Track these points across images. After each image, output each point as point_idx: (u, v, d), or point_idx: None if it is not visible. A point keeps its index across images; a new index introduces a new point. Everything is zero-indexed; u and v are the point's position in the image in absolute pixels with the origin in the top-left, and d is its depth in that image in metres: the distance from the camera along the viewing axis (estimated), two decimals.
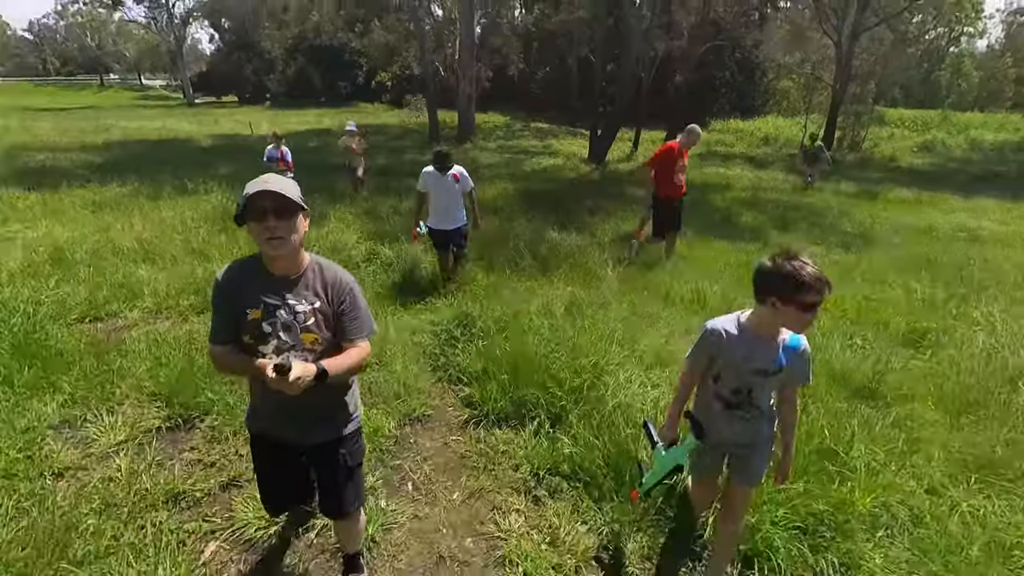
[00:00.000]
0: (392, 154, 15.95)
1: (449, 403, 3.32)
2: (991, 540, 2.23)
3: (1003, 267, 6.66)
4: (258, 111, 37.51)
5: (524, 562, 2.09)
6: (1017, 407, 3.20)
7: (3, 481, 2.37)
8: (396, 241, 5.96)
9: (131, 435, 2.78)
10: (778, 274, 1.61)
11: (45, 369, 3.27)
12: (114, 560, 2.00)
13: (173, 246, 5.87)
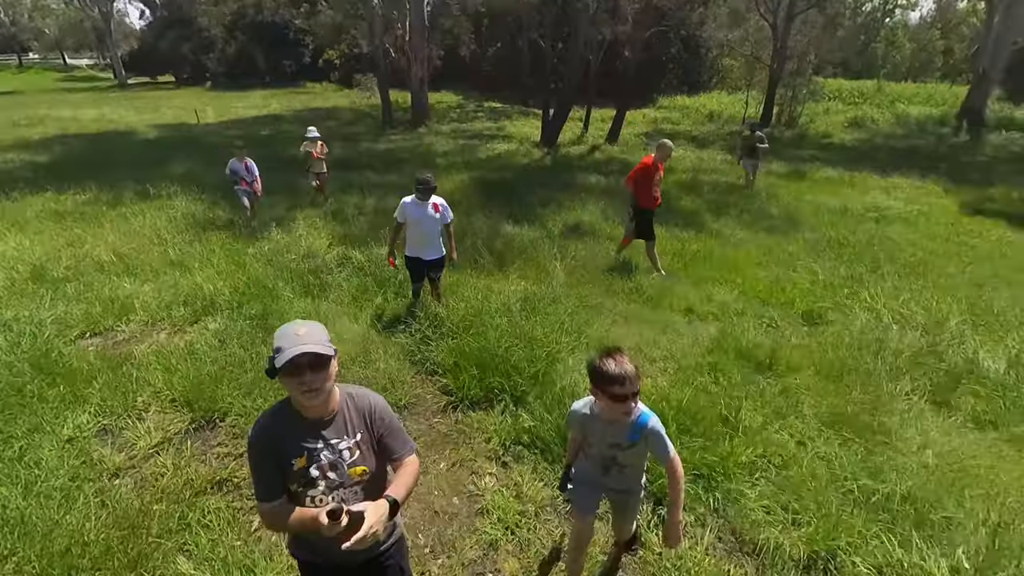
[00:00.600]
0: (347, 143, 16.00)
1: (429, 392, 3.98)
2: (834, 475, 3.10)
3: (900, 245, 7.77)
4: (198, 93, 35.90)
5: (497, 511, 2.82)
6: (875, 373, 4.14)
7: (72, 483, 2.90)
8: (365, 245, 6.46)
9: (166, 437, 3.33)
10: (593, 369, 1.89)
11: (68, 384, 3.73)
12: (187, 533, 2.60)
13: (151, 258, 6.20)
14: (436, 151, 14.61)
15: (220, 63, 40.62)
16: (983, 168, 13.92)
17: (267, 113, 25.12)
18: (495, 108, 25.74)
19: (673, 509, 2.04)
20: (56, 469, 3.00)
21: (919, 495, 2.93)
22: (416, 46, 20.20)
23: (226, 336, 4.43)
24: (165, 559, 2.50)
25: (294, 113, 25.03)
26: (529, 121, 21.37)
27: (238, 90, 36.69)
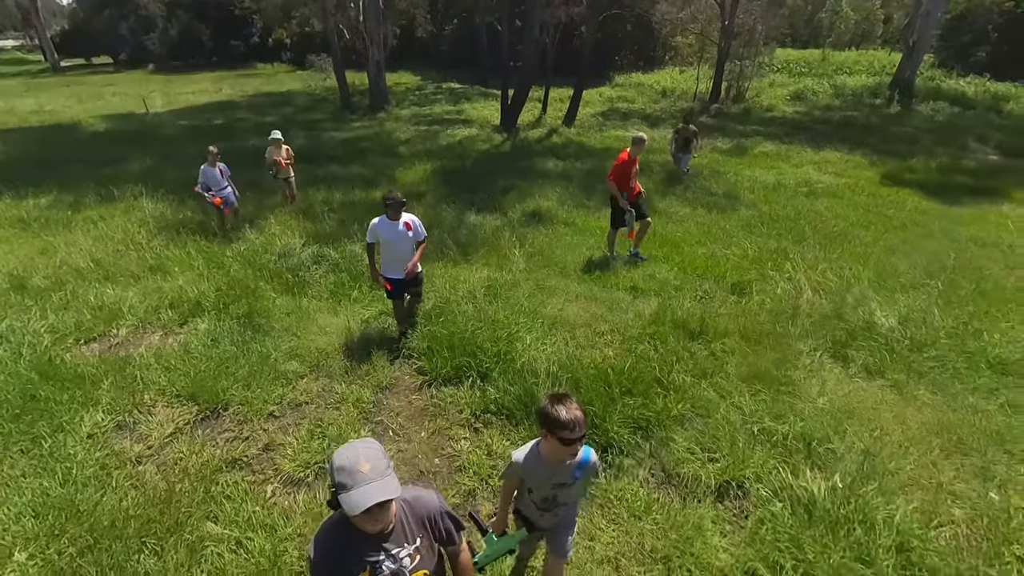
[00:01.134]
0: (307, 131, 15.98)
1: (406, 373, 4.52)
2: (745, 421, 3.82)
3: (825, 218, 8.64)
4: (142, 78, 34.30)
5: (472, 467, 3.43)
6: (787, 335, 4.90)
7: (101, 471, 3.35)
8: (338, 242, 6.86)
9: (177, 427, 3.79)
10: (544, 413, 1.96)
11: (78, 387, 4.11)
12: (211, 504, 3.11)
13: (129, 263, 6.46)
14: (398, 139, 14.81)
15: (162, 44, 38.73)
16: (908, 139, 15.07)
17: (219, 100, 24.44)
18: (454, 89, 25.71)
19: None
20: (84, 461, 3.43)
21: (811, 433, 3.69)
22: (372, 28, 19.99)
23: (217, 335, 4.85)
24: (197, 525, 3.01)
25: (248, 99, 24.45)
26: (489, 103, 21.56)
27: (184, 73, 35.23)
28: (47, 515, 3.04)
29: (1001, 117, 19.03)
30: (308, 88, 26.99)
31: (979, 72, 25.78)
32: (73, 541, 2.88)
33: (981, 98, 21.14)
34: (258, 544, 2.85)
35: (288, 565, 2.75)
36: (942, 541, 2.98)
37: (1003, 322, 5.29)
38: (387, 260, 4.56)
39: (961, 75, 26.10)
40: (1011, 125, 17.44)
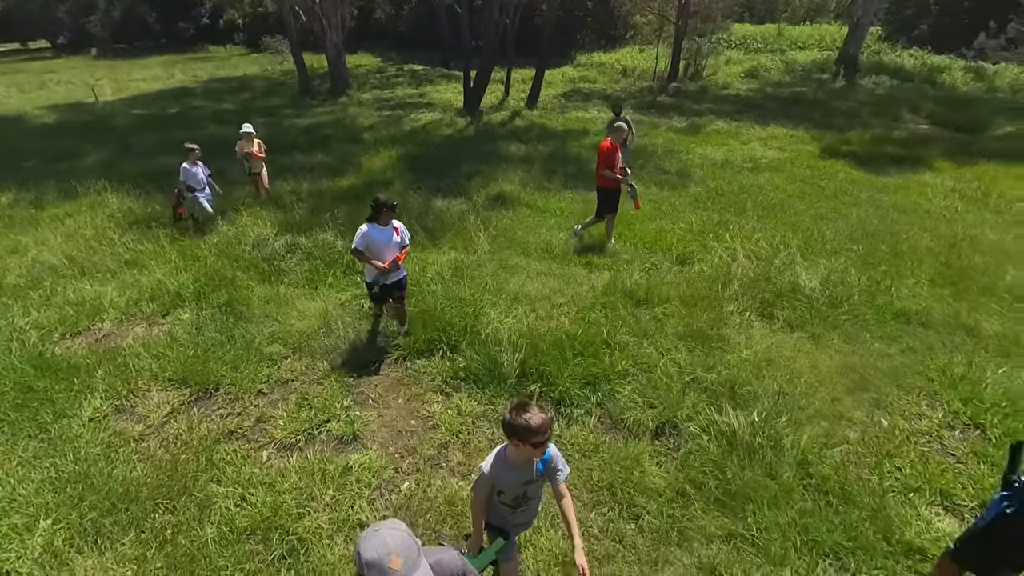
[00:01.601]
0: (267, 118, 15.83)
1: (384, 349, 4.95)
2: (680, 372, 4.41)
3: (766, 191, 9.33)
4: (85, 63, 32.75)
5: (445, 424, 3.92)
6: (720, 297, 5.51)
7: (108, 448, 3.70)
8: (310, 230, 7.15)
9: (173, 408, 4.15)
10: (513, 425, 2.08)
11: (73, 377, 4.41)
12: (214, 469, 3.52)
13: (104, 258, 6.62)
14: (361, 125, 14.88)
15: (104, 27, 36.88)
16: (848, 113, 15.97)
17: (172, 86, 23.70)
18: (416, 71, 25.56)
19: (573, 532, 2.24)
20: (91, 441, 3.78)
21: (735, 379, 4.30)
22: (329, 9, 19.67)
23: (201, 324, 5.17)
24: (203, 486, 3.42)
25: (202, 85, 23.78)
26: (451, 86, 21.59)
27: (130, 58, 33.80)
28: (64, 489, 3.40)
29: (935, 88, 20.20)
30: (265, 72, 26.38)
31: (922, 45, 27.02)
32: (93, 507, 3.25)
33: (918, 71, 22.28)
34: (260, 497, 3.29)
35: (287, 512, 3.20)
36: (836, 458, 3.63)
37: (910, 279, 6.04)
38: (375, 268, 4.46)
39: (905, 48, 27.33)
40: (943, 96, 18.57)
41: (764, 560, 2.91)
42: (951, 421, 4.01)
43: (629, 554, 2.97)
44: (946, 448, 3.79)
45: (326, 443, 3.82)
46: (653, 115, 16.14)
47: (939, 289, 5.89)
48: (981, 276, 6.12)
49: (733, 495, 3.27)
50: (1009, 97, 18.81)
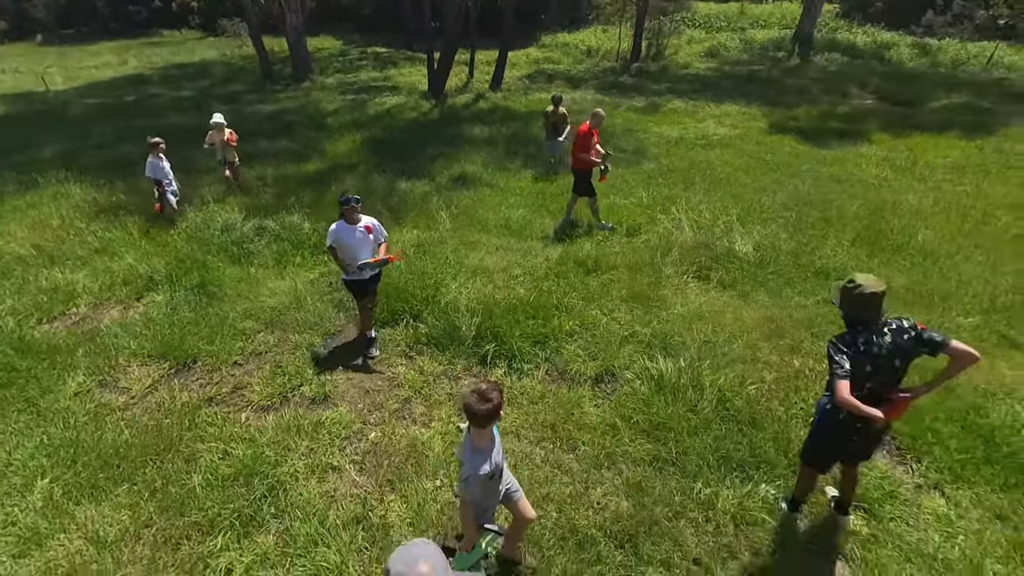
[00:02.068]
0: (229, 104, 15.67)
1: (349, 321, 5.31)
2: (620, 329, 4.91)
3: (715, 165, 9.88)
4: (31, 50, 31.38)
5: (408, 382, 4.34)
6: (661, 263, 6.02)
7: (95, 418, 4.01)
8: (276, 213, 7.39)
9: (154, 380, 4.46)
10: (479, 413, 2.26)
11: (55, 357, 4.66)
12: (197, 430, 3.87)
13: (73, 247, 6.76)
14: (325, 110, 14.89)
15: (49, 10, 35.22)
16: (799, 90, 16.66)
17: (127, 73, 23.03)
18: (379, 54, 25.32)
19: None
20: (78, 412, 4.08)
21: (667, 332, 4.82)
22: None
23: (175, 304, 5.44)
24: (188, 444, 3.78)
25: (159, 71, 23.17)
26: (416, 68, 21.55)
27: (79, 44, 32.44)
28: (57, 453, 3.71)
29: (883, 64, 21.09)
30: (224, 57, 25.76)
31: (876, 22, 27.90)
32: (86, 466, 3.59)
33: (868, 48, 23.16)
34: (241, 450, 3.67)
35: (266, 460, 3.59)
36: (751, 394, 4.18)
37: (833, 241, 6.66)
38: (350, 263, 4.45)
39: (860, 25, 28.20)
40: (890, 72, 19.45)
41: (681, 475, 3.44)
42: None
43: (566, 477, 3.47)
44: None
45: (300, 404, 4.21)
46: (614, 95, 16.55)
47: (858, 249, 6.53)
48: (897, 236, 6.79)
49: (658, 427, 3.79)
50: (950, 72, 19.79)
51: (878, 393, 2.59)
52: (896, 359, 2.56)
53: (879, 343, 2.56)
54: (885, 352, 2.55)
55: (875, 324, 2.60)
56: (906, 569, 2.86)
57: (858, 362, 2.54)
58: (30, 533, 3.14)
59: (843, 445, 2.85)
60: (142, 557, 2.99)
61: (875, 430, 2.74)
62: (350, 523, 3.15)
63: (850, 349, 2.56)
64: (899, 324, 2.61)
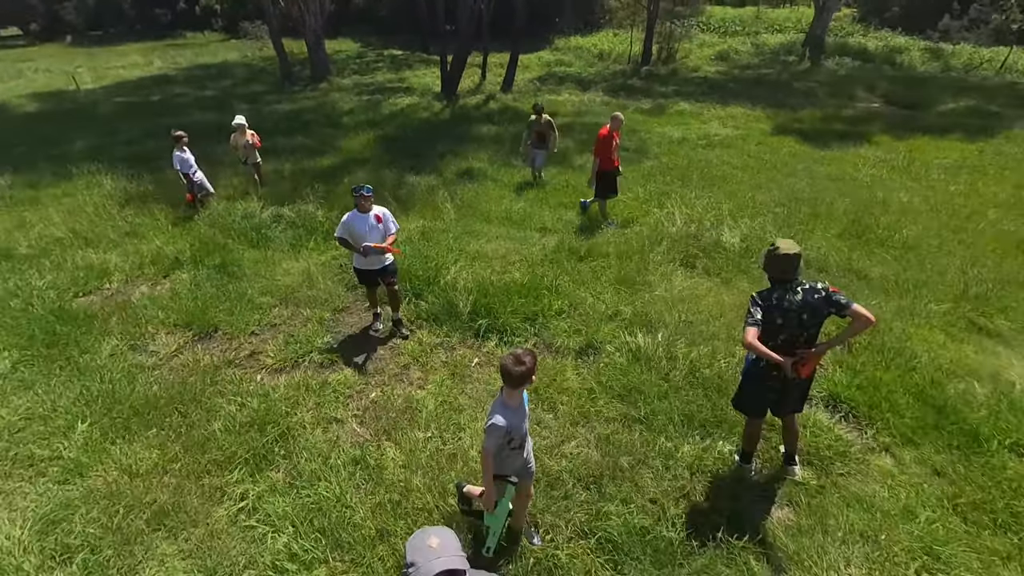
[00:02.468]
0: (249, 104, 16.29)
1: (357, 299, 5.74)
2: (606, 309, 5.27)
3: (714, 164, 10.18)
4: (62, 51, 32.56)
5: (408, 351, 4.75)
6: (651, 252, 6.36)
7: (128, 375, 4.48)
8: (292, 203, 7.87)
9: (180, 345, 4.92)
10: (513, 374, 2.46)
11: (92, 323, 5.16)
12: (217, 386, 4.31)
13: (105, 231, 7.31)
14: (341, 109, 15.44)
15: (79, 13, 36.53)
16: (806, 93, 16.84)
17: (153, 74, 23.91)
18: (396, 56, 25.94)
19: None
20: (113, 370, 4.55)
21: (649, 312, 5.17)
22: None
23: (199, 282, 5.92)
24: (209, 398, 4.22)
25: (183, 72, 24.00)
26: (430, 70, 22.06)
27: (107, 45, 33.59)
28: (95, 402, 4.18)
29: (894, 69, 21.15)
30: (245, 58, 26.57)
31: (893, 27, 27.80)
32: (120, 413, 4.05)
33: (880, 52, 23.19)
34: (256, 403, 4.10)
35: (278, 412, 4.01)
36: (721, 366, 4.50)
37: (819, 234, 6.94)
38: (359, 254, 4.65)
39: (877, 30, 28.15)
40: (900, 76, 19.53)
41: (647, 431, 3.79)
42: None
43: (545, 432, 3.84)
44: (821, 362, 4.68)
45: (309, 367, 4.63)
46: (622, 97, 16.89)
47: (843, 242, 6.81)
48: (882, 231, 7.05)
49: (631, 391, 4.15)
50: (961, 76, 19.80)
51: (789, 345, 2.95)
52: (804, 314, 2.91)
53: (790, 299, 2.91)
54: (795, 307, 2.90)
55: (790, 283, 2.94)
56: (846, 514, 3.18)
57: (770, 314, 2.91)
58: (73, 465, 3.59)
59: (764, 392, 3.22)
60: (169, 485, 3.42)
61: (794, 382, 3.08)
62: (349, 463, 3.56)
63: (765, 303, 2.93)
64: (812, 285, 2.95)
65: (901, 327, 4.91)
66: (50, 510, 3.26)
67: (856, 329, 2.88)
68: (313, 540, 3.01)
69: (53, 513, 3.24)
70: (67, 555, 2.99)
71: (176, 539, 3.10)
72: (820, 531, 3.06)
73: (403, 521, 3.11)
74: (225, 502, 3.32)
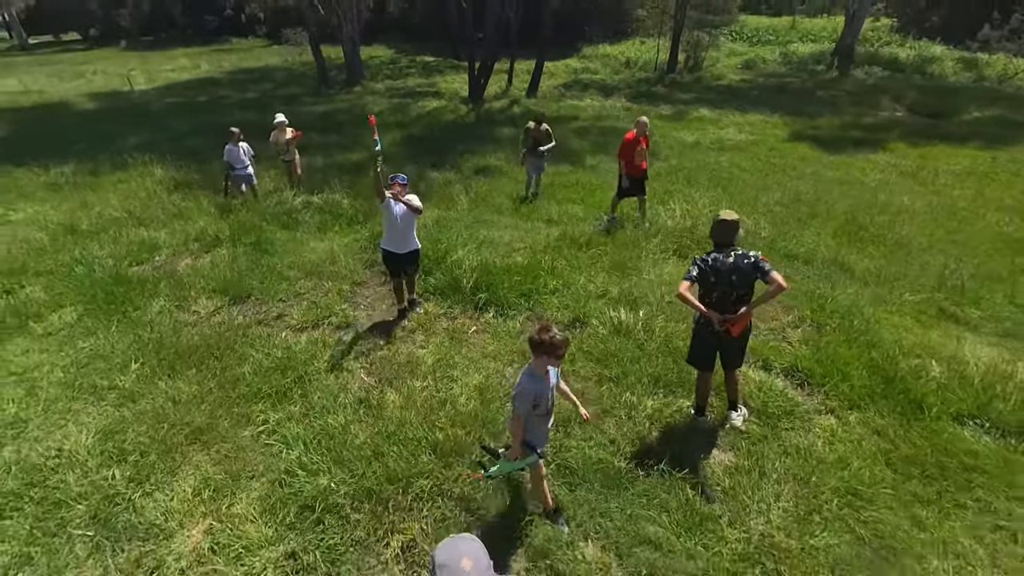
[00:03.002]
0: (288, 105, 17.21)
1: (375, 276, 6.35)
2: (595, 289, 5.74)
3: (723, 166, 10.54)
4: (116, 55, 34.70)
5: (414, 319, 5.32)
6: (644, 243, 6.80)
7: (173, 328, 5.18)
8: (321, 192, 8.60)
9: (218, 308, 5.62)
10: (542, 342, 2.64)
11: (143, 287, 5.91)
12: (248, 339, 4.97)
13: (156, 212, 8.16)
14: (372, 111, 16.30)
15: (134, 19, 38.87)
16: (828, 102, 16.93)
17: (198, 77, 25.42)
18: (427, 63, 26.87)
19: (572, 397, 3.17)
20: (161, 323, 5.27)
21: (636, 292, 5.62)
22: (345, 3, 21.11)
23: (235, 256, 6.64)
24: (240, 348, 4.87)
25: (227, 75, 25.44)
26: (459, 76, 22.83)
27: (158, 49, 35.63)
28: (145, 347, 4.88)
29: (924, 78, 20.92)
30: (285, 63, 27.92)
31: (931, 36, 27.30)
32: (165, 357, 4.73)
33: (912, 61, 22.94)
34: (280, 353, 4.73)
35: (298, 360, 4.63)
36: None
37: (813, 231, 7.27)
38: (389, 235, 5.10)
39: (916, 39, 27.71)
40: (928, 85, 19.36)
41: (617, 388, 4.26)
42: (797, 322, 5.28)
43: None
44: (786, 338, 5.06)
45: (327, 328, 5.26)
46: (643, 103, 17.30)
47: (836, 239, 7.11)
48: (875, 230, 7.33)
49: (608, 356, 4.61)
50: (994, 86, 19.49)
51: (722, 302, 3.41)
52: (733, 275, 3.38)
53: (723, 261, 3.39)
54: (726, 268, 3.38)
55: (728, 247, 3.39)
56: (783, 460, 3.59)
57: (705, 273, 3.39)
58: (127, 394, 4.28)
59: (706, 347, 3.69)
60: (205, 412, 4.05)
61: (728, 339, 3.53)
62: (355, 402, 4.14)
63: (702, 263, 3.42)
64: (745, 252, 3.41)
65: (872, 312, 5.24)
66: (108, 425, 3.94)
67: (771, 293, 3.31)
68: (320, 455, 3.59)
69: (111, 427, 3.91)
70: (121, 457, 3.65)
71: (209, 451, 3.72)
72: (757, 472, 3.48)
73: (396, 446, 3.66)
74: (249, 426, 3.94)
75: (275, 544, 3.03)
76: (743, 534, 3.09)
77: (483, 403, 4.09)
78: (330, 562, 2.96)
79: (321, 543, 3.04)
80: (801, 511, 3.23)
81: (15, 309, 5.52)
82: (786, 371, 4.50)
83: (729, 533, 3.09)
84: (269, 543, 3.04)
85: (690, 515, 3.16)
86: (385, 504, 3.24)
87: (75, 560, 3.00)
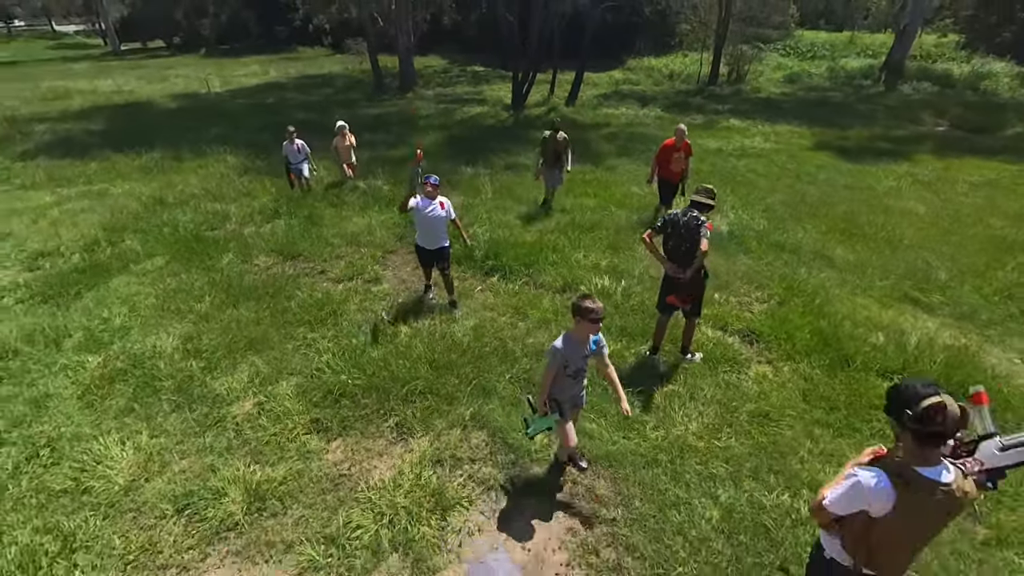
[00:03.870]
0: (345, 108, 18.90)
1: (403, 246, 7.40)
2: (587, 261, 6.57)
3: (740, 171, 11.09)
4: (196, 61, 38.04)
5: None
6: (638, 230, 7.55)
7: (239, 274, 6.40)
8: (365, 178, 9.82)
9: (274, 262, 6.83)
10: (582, 308, 2.95)
11: (216, 244, 7.21)
12: (296, 286, 6.11)
13: (228, 190, 9.59)
14: (419, 114, 17.68)
15: (213, 29, 42.54)
16: (865, 115, 16.98)
17: (267, 81, 27.81)
18: (477, 72, 28.34)
19: (618, 389, 3.21)
20: (229, 271, 6.50)
21: (621, 266, 6.42)
22: (401, 17, 22.82)
23: (290, 226, 7.89)
24: (289, 290, 6.01)
25: (293, 80, 27.67)
26: (505, 85, 24.05)
27: (233, 56, 38.86)
28: (216, 285, 6.10)
29: (975, 94, 20.47)
30: (346, 71, 30.06)
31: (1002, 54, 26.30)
32: (232, 293, 5.93)
33: (964, 77, 22.43)
34: (320, 295, 5.84)
35: (334, 301, 5.71)
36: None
37: (807, 227, 7.81)
38: (422, 232, 5.41)
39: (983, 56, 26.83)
40: (976, 101, 19.00)
41: None
42: (766, 298, 5.92)
43: (521, 327, 5.24)
44: (749, 309, 5.73)
45: (359, 282, 6.34)
46: (674, 112, 17.89)
47: (828, 236, 7.63)
48: (870, 229, 7.79)
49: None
50: None
51: (676, 251, 4.20)
52: (682, 230, 4.16)
53: (680, 219, 4.21)
54: (680, 224, 4.20)
55: (690, 211, 4.22)
56: (715, 391, 4.32)
57: (666, 226, 4.24)
58: (203, 315, 5.48)
59: (667, 293, 4.45)
60: (260, 329, 5.18)
61: (683, 286, 4.31)
62: (375, 330, 5.17)
63: (666, 218, 4.31)
64: (697, 215, 4.20)
65: (836, 292, 5.83)
66: (188, 332, 5.12)
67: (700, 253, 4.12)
68: (343, 361, 4.62)
69: (190, 334, 5.09)
70: (197, 354, 4.80)
71: (260, 355, 4.83)
72: (688, 396, 4.24)
73: (402, 360, 4.64)
74: (292, 341, 5.03)
75: (304, 413, 4.06)
76: (662, 435, 3.86)
77: (475, 337, 5.01)
78: (343, 428, 3.96)
79: (337, 415, 4.04)
80: (715, 424, 3.97)
81: (119, 255, 6.92)
82: (740, 332, 5.20)
83: (651, 434, 3.87)
84: (299, 413, 4.07)
85: (622, 420, 3.96)
86: (387, 394, 4.22)
87: (163, 412, 4.13)
